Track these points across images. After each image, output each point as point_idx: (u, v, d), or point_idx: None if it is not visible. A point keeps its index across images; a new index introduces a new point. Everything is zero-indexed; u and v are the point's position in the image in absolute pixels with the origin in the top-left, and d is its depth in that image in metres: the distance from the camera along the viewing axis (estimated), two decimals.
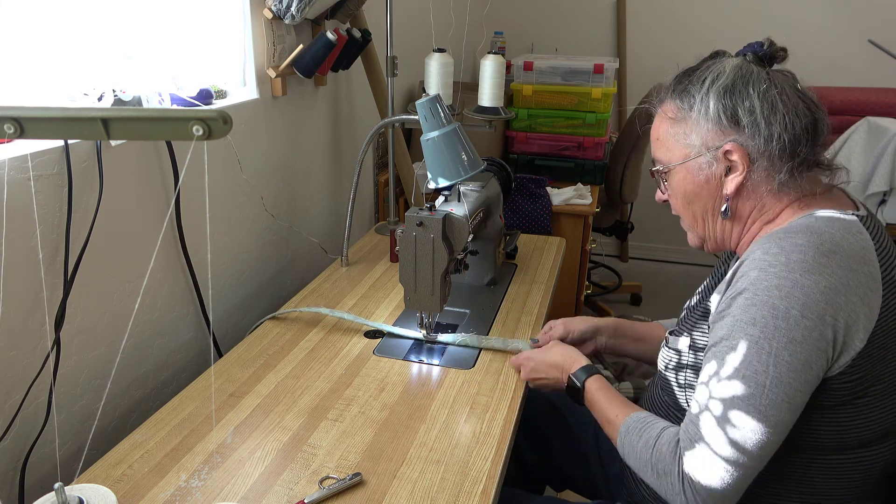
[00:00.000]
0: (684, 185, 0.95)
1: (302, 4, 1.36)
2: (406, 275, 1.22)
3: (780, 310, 0.79)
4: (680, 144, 0.94)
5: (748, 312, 0.81)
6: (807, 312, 0.78)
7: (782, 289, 0.79)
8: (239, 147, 1.35)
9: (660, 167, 0.98)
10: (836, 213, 0.86)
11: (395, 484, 0.91)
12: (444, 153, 1.18)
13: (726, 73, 0.90)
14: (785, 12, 3.08)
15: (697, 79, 0.92)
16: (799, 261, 0.80)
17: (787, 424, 0.81)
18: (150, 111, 0.64)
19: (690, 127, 0.92)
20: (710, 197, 0.94)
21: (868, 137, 2.29)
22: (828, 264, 0.79)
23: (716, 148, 0.90)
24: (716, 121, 0.89)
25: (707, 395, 0.84)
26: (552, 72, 2.35)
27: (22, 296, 0.92)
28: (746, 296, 0.82)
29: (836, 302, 0.78)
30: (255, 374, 1.16)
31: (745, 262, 0.85)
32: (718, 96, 0.89)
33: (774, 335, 0.79)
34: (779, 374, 0.79)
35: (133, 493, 0.89)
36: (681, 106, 0.93)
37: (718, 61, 0.93)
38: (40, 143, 0.92)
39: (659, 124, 0.98)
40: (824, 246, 0.80)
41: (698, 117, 0.91)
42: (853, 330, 0.79)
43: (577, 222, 2.17)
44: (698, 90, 0.91)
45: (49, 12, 0.97)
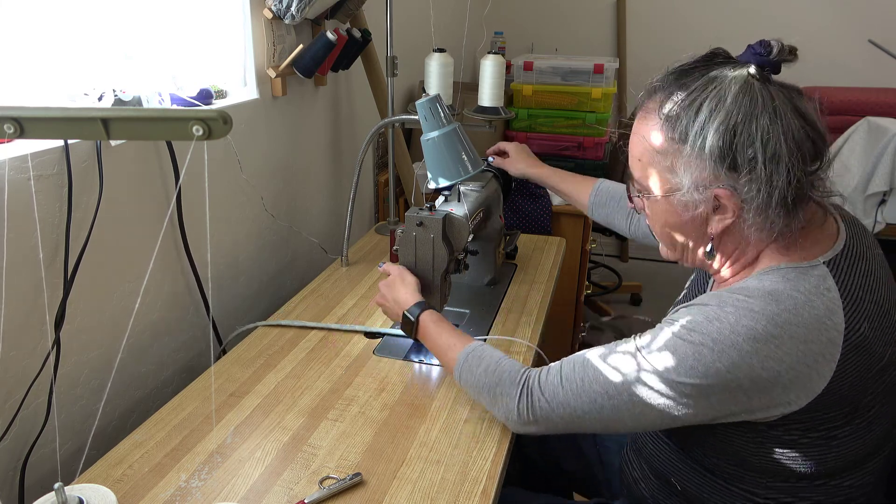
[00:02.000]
0: (666, 216, 0.88)
1: (302, 4, 1.36)
2: None
3: (706, 358, 0.77)
4: (665, 176, 0.84)
5: (672, 343, 0.80)
6: (733, 370, 0.75)
7: (718, 343, 0.76)
8: (239, 147, 1.35)
9: (641, 193, 0.90)
10: (805, 265, 0.80)
11: (395, 484, 0.91)
12: (444, 153, 1.18)
13: (727, 102, 0.78)
14: (785, 12, 3.08)
15: (692, 104, 0.79)
16: (747, 327, 0.75)
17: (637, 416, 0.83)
18: (150, 111, 0.64)
19: (679, 162, 0.81)
20: (693, 232, 0.87)
21: (868, 137, 2.30)
22: (779, 335, 0.75)
23: (705, 189, 0.80)
24: (711, 163, 0.79)
25: (583, 357, 0.89)
26: (552, 72, 2.35)
27: (22, 296, 0.92)
28: (682, 325, 0.80)
29: (775, 370, 0.75)
30: (255, 374, 1.16)
31: (696, 305, 0.82)
32: (718, 135, 0.77)
33: (689, 373, 0.78)
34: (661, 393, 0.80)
35: (133, 493, 0.89)
36: (670, 136, 0.81)
37: (717, 78, 0.80)
38: (40, 143, 0.92)
39: (640, 144, 0.86)
40: (780, 317, 0.75)
41: (691, 154, 0.80)
42: (793, 392, 0.76)
43: (577, 222, 2.17)
44: (692, 121, 0.79)
45: (49, 12, 0.97)
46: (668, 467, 0.97)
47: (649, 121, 0.85)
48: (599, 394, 0.85)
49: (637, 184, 0.90)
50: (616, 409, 0.84)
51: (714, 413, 0.80)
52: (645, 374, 0.82)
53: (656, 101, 0.84)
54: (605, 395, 0.84)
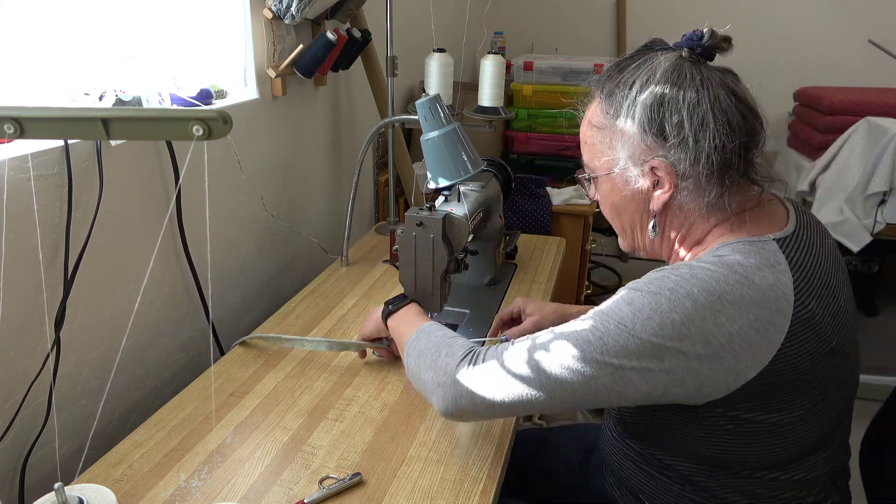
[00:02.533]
0: (611, 195, 0.90)
1: (302, 4, 1.36)
2: (406, 275, 1.22)
3: (664, 307, 0.75)
4: (606, 154, 0.88)
5: (629, 295, 0.79)
6: (687, 323, 0.74)
7: (675, 292, 0.76)
8: (239, 147, 1.35)
9: (587, 174, 0.94)
10: (754, 239, 0.81)
11: (395, 484, 0.91)
12: (444, 153, 1.18)
13: (656, 77, 0.82)
14: (785, 12, 3.08)
15: (625, 82, 0.84)
16: (702, 279, 0.76)
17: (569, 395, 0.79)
18: (150, 111, 0.64)
19: (616, 137, 0.86)
20: (638, 211, 0.89)
21: (868, 137, 2.30)
22: (731, 293, 0.75)
23: (641, 162, 0.84)
24: (641, 134, 0.83)
25: (541, 338, 0.83)
26: (552, 72, 2.35)
27: (22, 296, 0.92)
28: (637, 283, 0.80)
29: (728, 330, 0.74)
30: (255, 374, 1.16)
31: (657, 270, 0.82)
32: (644, 107, 0.82)
33: (644, 322, 0.75)
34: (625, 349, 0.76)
35: (133, 493, 0.89)
36: (607, 112, 0.86)
37: (650, 58, 0.85)
38: (40, 143, 0.92)
39: (585, 127, 0.93)
40: (731, 277, 0.76)
41: (623, 127, 0.84)
42: (742, 357, 0.75)
43: (577, 222, 2.17)
44: (625, 96, 0.84)
45: (49, 12, 0.97)
46: (635, 483, 0.96)
47: (592, 103, 0.91)
48: (554, 357, 0.80)
49: (585, 167, 0.94)
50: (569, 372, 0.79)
51: (665, 381, 0.77)
52: (600, 332, 0.78)
53: (599, 87, 0.90)
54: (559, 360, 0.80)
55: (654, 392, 0.78)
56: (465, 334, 1.30)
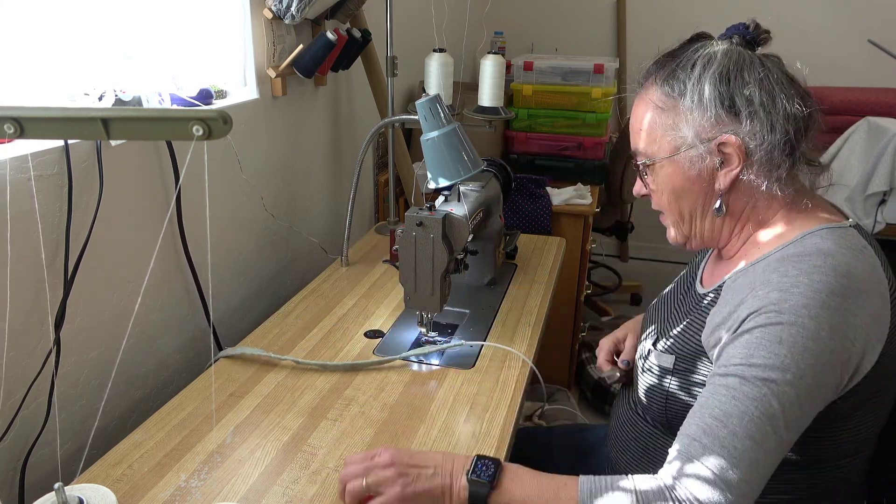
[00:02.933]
0: (673, 179, 0.89)
1: (302, 4, 1.36)
2: (406, 275, 1.22)
3: (811, 329, 0.73)
4: (669, 136, 0.87)
5: (772, 331, 0.74)
6: (834, 335, 0.73)
7: (811, 308, 0.73)
8: (239, 147, 1.35)
9: (645, 160, 0.91)
10: (835, 226, 0.81)
11: None
12: (444, 153, 1.18)
13: (717, 57, 0.84)
14: (785, 12, 3.08)
15: (686, 63, 0.85)
16: (823, 282, 0.75)
17: (788, 447, 0.76)
18: (150, 111, 0.64)
19: (681, 116, 0.85)
20: (701, 192, 0.88)
21: (868, 137, 2.29)
22: (849, 286, 0.75)
23: (710, 140, 0.83)
24: (711, 110, 0.83)
25: (712, 416, 0.75)
26: (552, 72, 2.35)
27: (22, 296, 0.92)
28: (771, 317, 0.75)
29: (856, 326, 0.74)
30: (255, 374, 1.16)
31: (758, 288, 0.78)
32: (714, 83, 0.82)
33: (803, 356, 0.73)
34: (798, 396, 0.73)
35: (133, 492, 0.89)
36: (670, 93, 0.86)
37: (704, 45, 0.87)
38: (40, 143, 0.92)
39: (642, 113, 0.90)
40: (841, 268, 0.76)
41: (691, 106, 0.84)
42: (867, 354, 0.76)
43: (577, 222, 2.17)
44: (689, 76, 0.84)
45: (49, 12, 0.97)
46: None
47: (648, 91, 0.90)
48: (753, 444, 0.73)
49: (642, 156, 0.92)
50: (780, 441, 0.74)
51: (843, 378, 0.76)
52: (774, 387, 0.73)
53: (652, 76, 0.90)
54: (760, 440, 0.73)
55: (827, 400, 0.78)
56: (464, 334, 1.31)
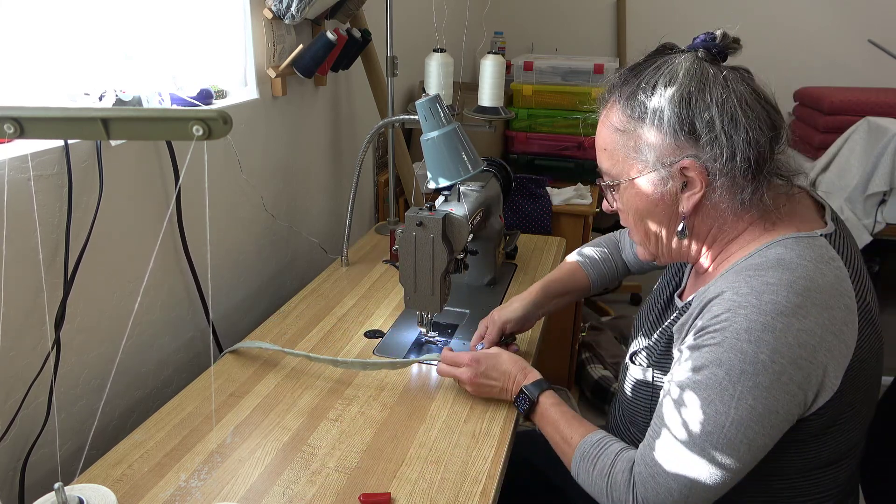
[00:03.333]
0: (636, 201, 0.88)
1: (302, 4, 1.36)
2: (406, 275, 1.22)
3: (748, 354, 0.74)
4: (630, 158, 0.86)
5: (715, 353, 0.76)
6: (776, 357, 0.73)
7: (752, 332, 0.74)
8: (239, 147, 1.35)
9: (608, 181, 0.91)
10: (803, 235, 0.80)
11: (395, 484, 0.91)
12: (444, 153, 1.18)
13: (679, 77, 0.81)
14: (785, 12, 3.08)
15: (647, 83, 0.83)
16: (771, 302, 0.74)
17: (744, 466, 0.77)
18: (150, 111, 0.64)
19: (642, 139, 0.84)
20: (665, 214, 0.87)
21: (868, 137, 2.29)
22: (802, 304, 0.74)
23: (671, 164, 0.82)
24: (671, 134, 0.81)
25: (664, 425, 0.81)
26: (552, 72, 2.35)
27: (22, 296, 0.92)
28: (715, 336, 0.77)
29: (811, 344, 0.74)
30: (255, 374, 1.16)
31: (716, 300, 0.80)
32: (673, 106, 0.80)
33: (740, 379, 0.74)
34: (740, 417, 0.75)
35: (133, 493, 0.89)
36: (630, 115, 0.84)
37: (668, 60, 0.84)
38: (40, 143, 0.92)
39: (605, 133, 0.89)
40: (797, 284, 0.75)
41: (651, 129, 0.82)
42: (830, 370, 0.75)
43: (577, 222, 2.17)
44: (648, 97, 0.82)
45: (49, 12, 0.97)
46: None
47: (611, 110, 0.89)
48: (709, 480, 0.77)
49: (606, 176, 0.91)
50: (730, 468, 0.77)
51: (802, 397, 0.76)
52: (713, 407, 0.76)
53: (615, 94, 0.88)
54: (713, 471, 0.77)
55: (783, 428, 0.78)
56: (464, 334, 1.31)
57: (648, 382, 0.94)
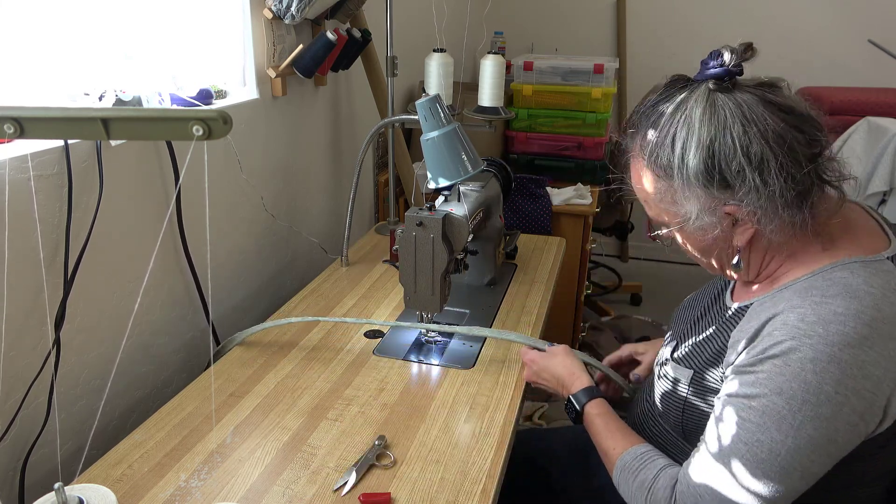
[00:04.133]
0: (690, 242, 0.89)
1: (302, 4, 1.36)
2: (406, 275, 1.22)
3: (812, 385, 0.73)
4: (672, 210, 0.85)
5: (776, 381, 0.75)
6: (840, 389, 0.72)
7: (817, 363, 0.73)
8: (239, 147, 1.35)
9: (661, 231, 0.90)
10: (870, 259, 0.78)
11: (395, 484, 0.91)
12: (444, 153, 1.18)
13: (695, 125, 0.79)
14: (785, 12, 3.08)
15: (666, 141, 0.81)
16: (838, 333, 0.73)
17: (793, 493, 0.76)
18: (150, 111, 0.64)
19: (678, 194, 0.83)
20: (724, 248, 0.86)
21: (868, 137, 2.29)
22: (869, 336, 0.72)
23: (713, 210, 0.81)
24: (704, 188, 0.80)
25: (715, 448, 0.79)
26: (552, 72, 2.35)
27: (22, 296, 0.92)
28: (777, 363, 0.75)
29: (875, 376, 0.72)
30: (255, 374, 1.16)
31: (776, 321, 0.78)
32: (698, 161, 0.79)
33: (801, 409, 0.73)
34: (797, 446, 0.74)
35: (133, 492, 0.89)
36: (658, 174, 0.83)
37: (681, 104, 0.81)
38: (40, 143, 0.92)
39: (640, 185, 0.89)
40: (865, 314, 0.73)
41: (682, 185, 0.81)
42: (893, 400, 0.74)
43: (577, 222, 2.17)
44: (671, 157, 0.81)
45: (49, 12, 0.97)
46: None
47: (637, 165, 0.88)
48: (742, 475, 0.77)
49: (655, 222, 0.91)
50: (781, 495, 0.76)
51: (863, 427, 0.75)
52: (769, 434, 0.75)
53: (637, 143, 0.87)
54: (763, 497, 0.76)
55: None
56: (465, 335, 1.31)
57: (685, 383, 0.93)
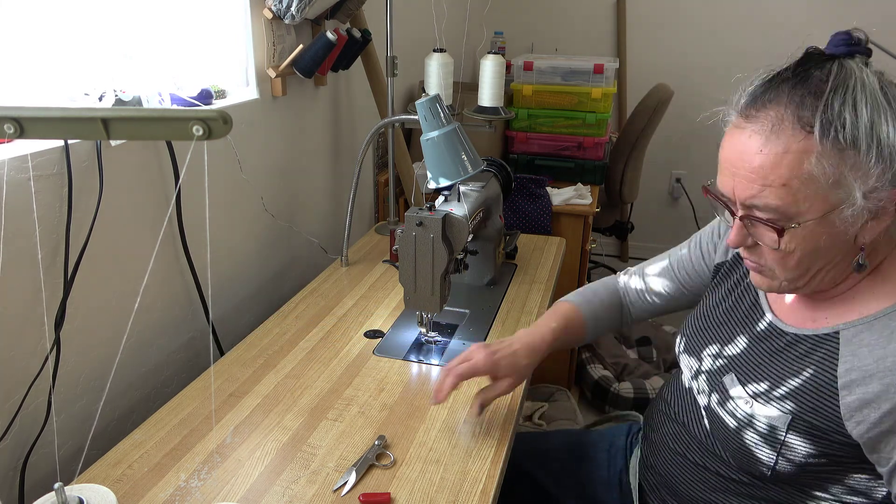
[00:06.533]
0: (815, 240, 0.75)
1: (302, 4, 1.36)
2: (406, 275, 1.22)
3: None
4: (824, 194, 0.72)
5: None
6: None
7: None
8: (239, 147, 1.35)
9: (784, 223, 0.75)
10: None
11: (395, 484, 0.91)
12: (444, 153, 1.18)
13: (879, 95, 0.71)
14: (785, 12, 3.08)
15: (845, 103, 0.71)
16: None
17: None
18: (150, 111, 0.64)
19: (849, 170, 0.70)
20: (842, 248, 0.76)
21: None
22: None
23: (874, 195, 0.71)
24: (887, 162, 0.70)
25: None
26: (552, 72, 2.35)
27: (22, 296, 0.92)
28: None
29: None
30: (254, 373, 1.16)
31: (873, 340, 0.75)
32: (889, 124, 0.70)
33: None
34: None
35: (133, 493, 0.89)
36: (836, 145, 0.70)
37: (847, 71, 0.73)
38: (40, 143, 0.92)
39: (787, 166, 0.72)
40: None
41: (867, 157, 0.70)
42: None
43: (577, 222, 2.17)
44: (857, 117, 0.70)
45: (49, 12, 0.97)
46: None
47: (789, 137, 0.72)
48: None
49: (778, 216, 0.75)
50: None
51: None
52: None
53: (776, 112, 0.73)
54: None
55: None
56: (464, 334, 1.31)
57: (782, 428, 0.84)
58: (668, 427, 1.04)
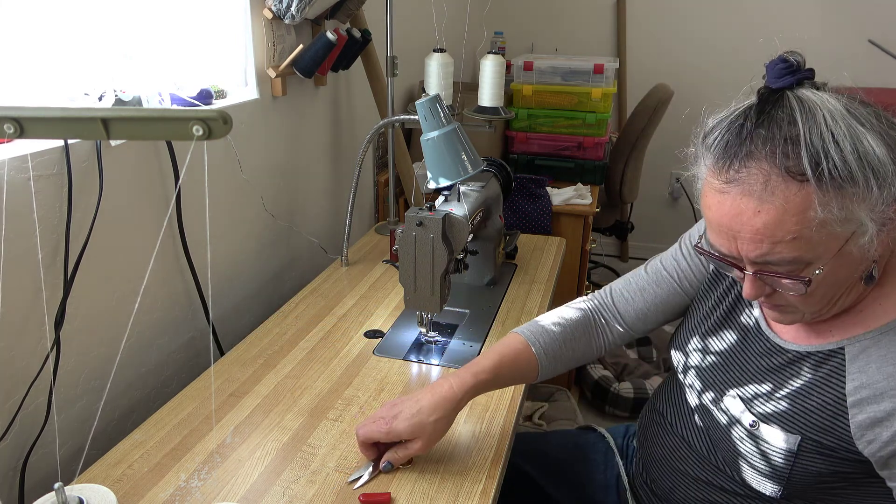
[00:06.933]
0: (835, 273, 0.74)
1: (302, 4, 1.36)
2: (406, 275, 1.22)
3: None
4: (837, 231, 0.70)
5: None
6: None
7: None
8: (239, 147, 1.35)
9: (813, 269, 0.73)
10: None
11: (395, 484, 0.91)
12: (444, 153, 1.18)
13: (845, 116, 0.70)
14: (785, 12, 3.08)
15: (825, 139, 0.68)
16: None
17: None
18: (150, 111, 0.64)
19: (854, 203, 0.69)
20: (859, 269, 0.76)
21: None
22: None
23: (881, 214, 0.71)
24: (887, 183, 0.69)
25: None
26: (552, 72, 2.35)
27: (22, 296, 0.92)
28: None
29: None
30: (254, 374, 1.16)
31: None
32: (882, 146, 0.69)
33: None
34: None
35: (133, 493, 0.89)
36: (832, 183, 0.68)
37: (808, 105, 0.70)
38: (40, 143, 0.92)
39: (790, 219, 0.69)
40: None
41: (866, 185, 0.68)
42: None
43: (577, 222, 2.17)
44: (839, 151, 0.68)
45: (49, 12, 0.97)
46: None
47: (784, 191, 0.69)
48: None
49: (792, 265, 0.73)
50: None
51: None
52: None
53: (759, 170, 0.70)
54: None
55: None
56: (464, 334, 1.31)
57: (792, 451, 0.83)
58: (667, 439, 1.03)
